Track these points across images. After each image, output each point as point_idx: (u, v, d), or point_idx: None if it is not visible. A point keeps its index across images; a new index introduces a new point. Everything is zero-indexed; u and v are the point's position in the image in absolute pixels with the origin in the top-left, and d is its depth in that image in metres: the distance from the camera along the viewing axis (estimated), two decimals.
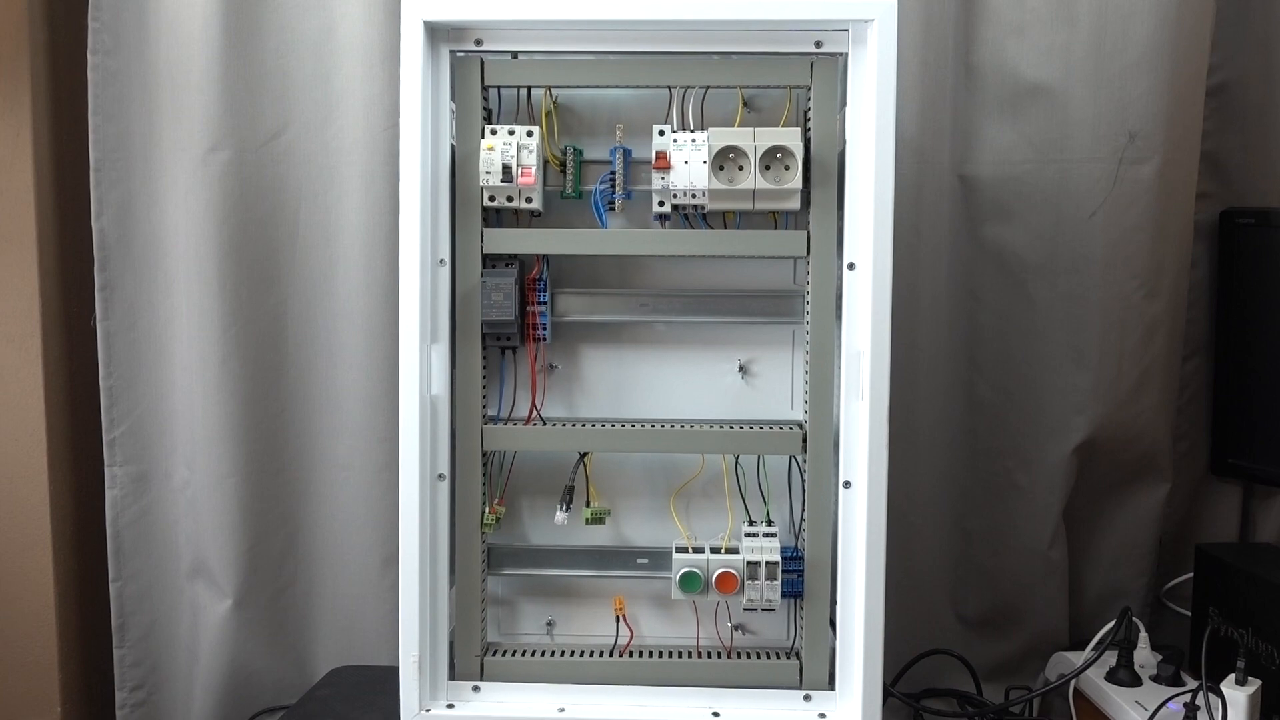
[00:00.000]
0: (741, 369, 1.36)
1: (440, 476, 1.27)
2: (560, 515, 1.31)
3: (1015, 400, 1.65)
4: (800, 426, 1.30)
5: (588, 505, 1.32)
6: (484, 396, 1.31)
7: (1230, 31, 1.64)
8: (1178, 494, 1.71)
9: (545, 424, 1.32)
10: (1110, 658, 1.47)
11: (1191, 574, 1.59)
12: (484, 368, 1.30)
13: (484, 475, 1.30)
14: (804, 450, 1.27)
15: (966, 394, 1.66)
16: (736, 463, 1.33)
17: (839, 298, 1.25)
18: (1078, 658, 1.51)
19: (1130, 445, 1.65)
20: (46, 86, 1.59)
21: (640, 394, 1.36)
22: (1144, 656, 1.49)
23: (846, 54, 1.22)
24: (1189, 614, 1.61)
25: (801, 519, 1.30)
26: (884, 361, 1.21)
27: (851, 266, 1.23)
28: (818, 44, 1.23)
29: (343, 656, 1.66)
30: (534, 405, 1.33)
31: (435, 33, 1.24)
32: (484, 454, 1.30)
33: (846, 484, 1.24)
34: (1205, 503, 1.75)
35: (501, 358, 1.34)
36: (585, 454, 1.32)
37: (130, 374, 1.62)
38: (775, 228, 1.30)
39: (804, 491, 1.29)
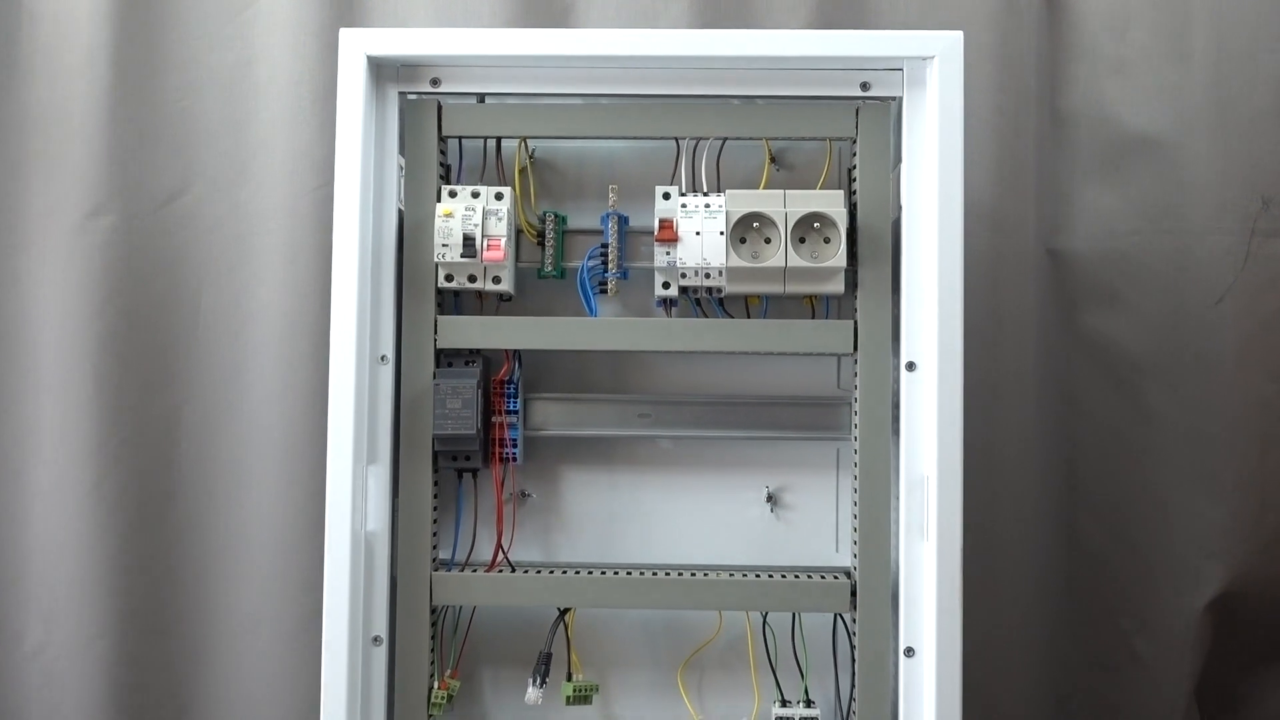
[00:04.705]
0: (770, 499, 1.36)
1: (376, 639, 1.26)
2: (533, 692, 1.29)
3: (1128, 541, 1.64)
4: (848, 575, 1.29)
5: (569, 679, 1.31)
6: (434, 534, 1.30)
7: None
8: None
9: (514, 571, 1.31)
10: None
11: None
12: (435, 496, 1.30)
13: (433, 638, 1.29)
14: (852, 607, 1.26)
15: (1065, 533, 1.65)
16: (764, 622, 1.32)
17: (896, 407, 1.26)
18: None
19: None
20: None
21: (639, 531, 1.36)
22: None
23: (900, 98, 1.26)
24: None
25: (851, 697, 1.28)
26: (955, 490, 1.21)
27: (911, 366, 1.24)
28: (864, 86, 1.27)
29: None
30: (499, 546, 1.32)
31: (381, 70, 1.28)
32: (433, 610, 1.29)
33: (909, 651, 1.23)
34: None
35: (459, 483, 1.34)
36: (566, 610, 1.31)
37: None
38: (812, 316, 1.32)
39: (853, 661, 1.27)
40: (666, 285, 1.28)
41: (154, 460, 1.61)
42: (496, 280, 1.28)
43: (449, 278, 1.28)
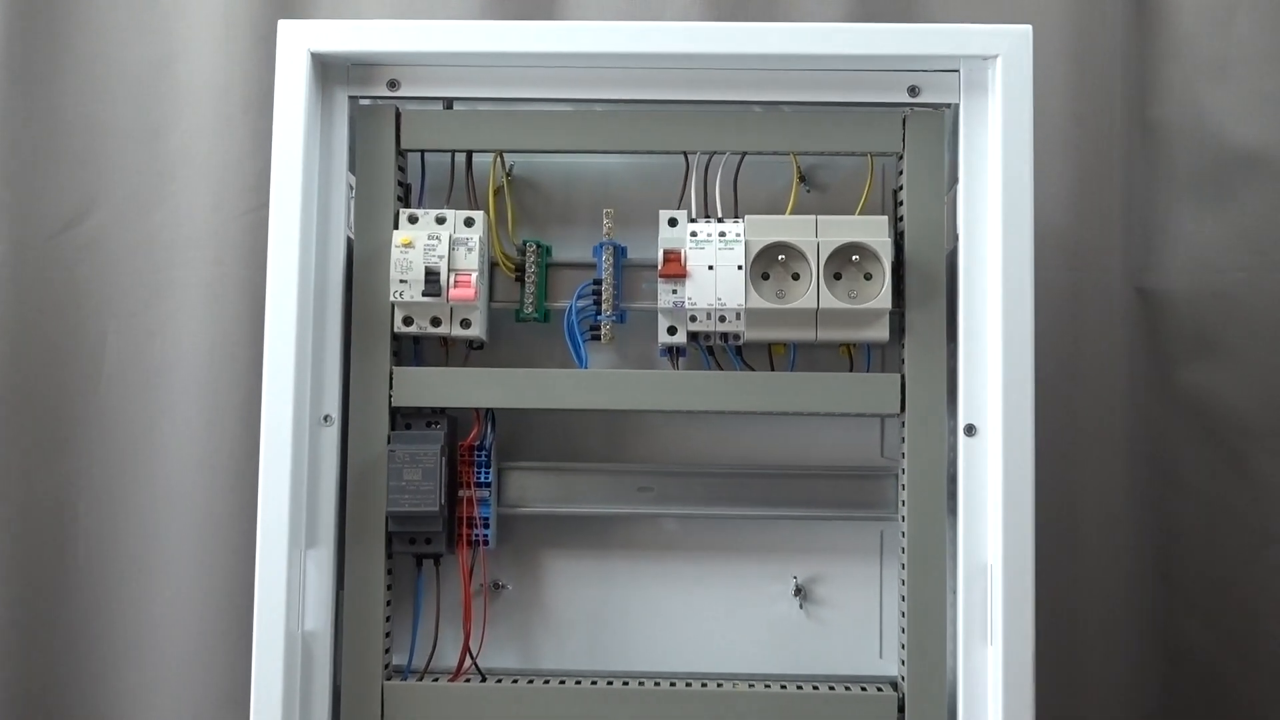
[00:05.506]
0: (800, 592, 1.35)
1: None
2: None
3: (1241, 645, 1.63)
4: (894, 687, 1.28)
5: None
6: (388, 635, 1.29)
7: None
8: None
9: (485, 680, 1.31)
10: None
11: None
12: (389, 588, 1.29)
13: None
14: None
15: (1160, 636, 1.64)
16: None
17: (952, 480, 1.25)
18: None
19: None
20: None
21: (638, 632, 1.36)
22: None
23: (956, 105, 1.26)
24: None
25: None
26: (1026, 581, 1.19)
27: (971, 430, 1.23)
28: (913, 91, 1.27)
29: None
30: (466, 649, 1.31)
31: (328, 70, 1.28)
32: None
33: None
34: None
35: (418, 572, 1.33)
36: None
37: None
38: (850, 369, 1.32)
39: None
40: (673, 331, 1.27)
41: (42, 545, 1.61)
42: (465, 324, 1.28)
43: (408, 321, 1.27)
